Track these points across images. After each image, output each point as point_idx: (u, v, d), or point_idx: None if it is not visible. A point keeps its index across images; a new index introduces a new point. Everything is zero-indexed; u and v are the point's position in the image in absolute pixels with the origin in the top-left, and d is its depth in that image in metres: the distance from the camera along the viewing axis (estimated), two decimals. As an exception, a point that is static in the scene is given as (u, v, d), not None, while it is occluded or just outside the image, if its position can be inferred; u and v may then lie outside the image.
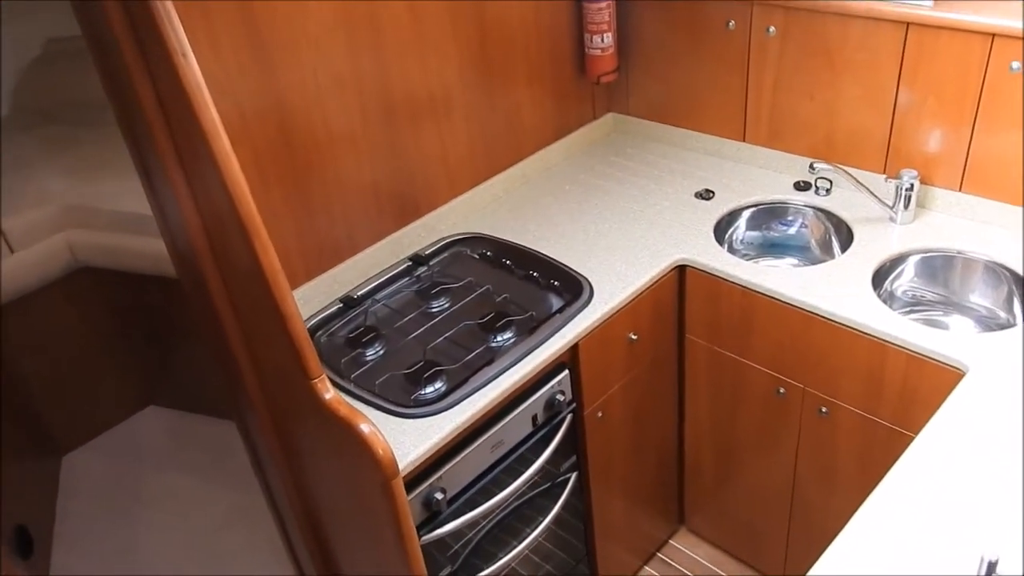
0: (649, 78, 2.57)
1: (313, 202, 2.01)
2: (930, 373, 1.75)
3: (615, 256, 2.13)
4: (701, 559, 2.60)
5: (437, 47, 2.13)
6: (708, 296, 2.11)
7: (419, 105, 2.15)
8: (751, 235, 2.32)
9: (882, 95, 2.11)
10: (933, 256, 2.03)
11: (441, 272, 2.18)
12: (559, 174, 2.55)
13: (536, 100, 2.47)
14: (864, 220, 2.14)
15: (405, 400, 1.76)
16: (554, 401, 1.91)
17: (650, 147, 2.63)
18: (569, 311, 1.95)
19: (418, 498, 1.67)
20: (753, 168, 2.44)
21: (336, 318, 2.05)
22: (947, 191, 2.09)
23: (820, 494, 2.15)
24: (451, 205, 2.33)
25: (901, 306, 2.06)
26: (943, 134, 2.04)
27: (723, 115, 2.45)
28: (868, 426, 1.93)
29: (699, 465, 2.47)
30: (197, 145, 1.32)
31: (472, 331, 1.94)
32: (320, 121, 1.95)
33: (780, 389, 2.08)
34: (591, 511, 2.21)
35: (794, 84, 2.25)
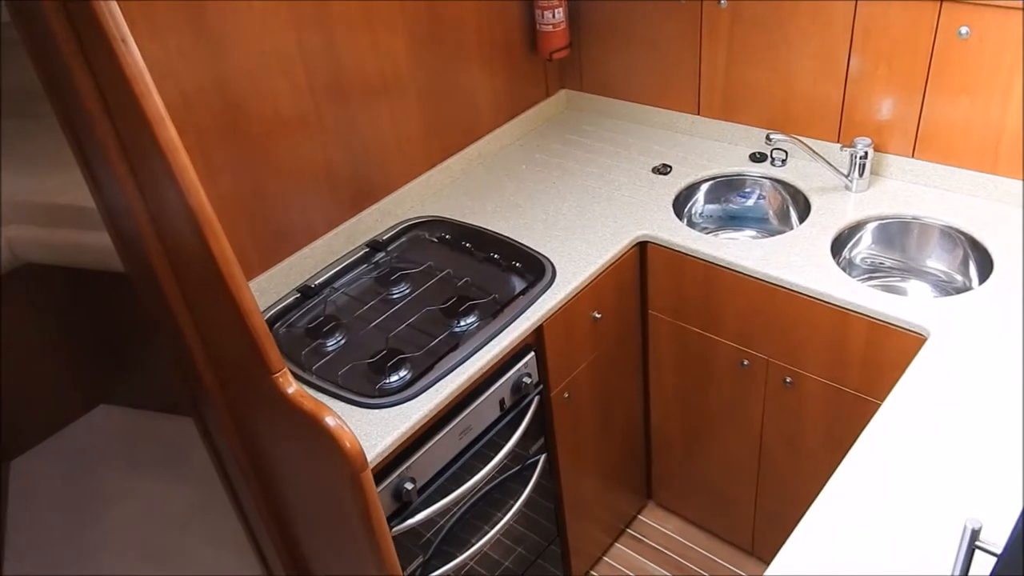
0: (602, 53, 2.54)
1: (264, 188, 1.95)
2: (892, 339, 1.77)
3: (575, 235, 2.11)
4: (670, 532, 2.62)
5: (386, 22, 2.08)
6: (670, 271, 2.10)
7: (370, 84, 2.10)
8: (710, 208, 2.32)
9: (834, 64, 2.11)
10: (889, 223, 2.04)
11: (400, 257, 2.14)
12: (515, 153, 2.51)
13: (488, 78, 2.43)
14: (820, 189, 2.15)
15: (370, 390, 1.72)
16: (521, 384, 1.89)
17: (605, 123, 2.61)
18: (532, 292, 1.93)
19: (387, 489, 1.64)
20: (709, 141, 2.43)
21: (294, 308, 1.99)
22: (900, 158, 2.11)
23: (786, 463, 2.17)
24: (407, 188, 2.28)
25: (860, 273, 2.08)
26: (895, 101, 2.06)
27: (677, 89, 2.44)
28: (832, 394, 1.95)
29: (665, 440, 2.47)
30: (141, 135, 1.26)
31: (435, 317, 1.90)
32: (268, 102, 1.89)
33: (744, 361, 2.09)
34: (561, 491, 2.20)
35: (747, 56, 2.24)
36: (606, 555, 2.58)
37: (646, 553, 2.58)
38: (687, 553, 2.56)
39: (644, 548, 2.59)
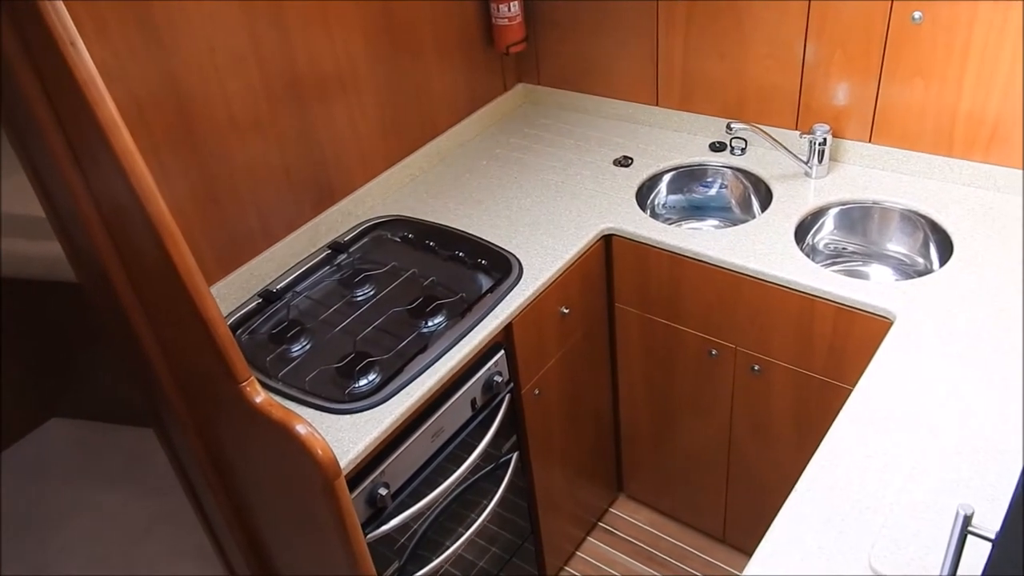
0: (558, 46, 2.53)
1: (221, 192, 1.90)
2: (859, 324, 1.78)
3: (540, 230, 2.09)
4: (642, 524, 2.62)
5: (340, 19, 2.03)
6: (636, 264, 2.10)
7: (326, 82, 2.05)
8: (673, 199, 2.32)
9: (790, 52, 2.12)
10: (850, 208, 2.06)
11: (363, 258, 2.10)
12: (475, 149, 2.49)
13: (446, 74, 2.39)
14: (781, 177, 2.16)
15: (339, 395, 1.68)
16: (492, 383, 1.87)
17: (564, 116, 2.60)
18: (500, 290, 1.91)
19: (361, 496, 1.61)
20: (668, 132, 2.43)
21: (256, 314, 1.94)
22: (858, 143, 2.13)
23: (756, 450, 2.19)
24: (367, 188, 2.24)
25: (823, 259, 2.10)
26: (851, 87, 2.08)
27: (635, 80, 2.43)
28: (800, 380, 1.96)
29: (635, 432, 2.48)
30: (93, 141, 1.20)
31: (402, 318, 1.87)
32: (221, 103, 1.83)
33: (712, 351, 2.09)
34: (533, 488, 2.19)
35: (704, 46, 2.25)
36: (579, 550, 2.58)
37: (618, 546, 2.58)
38: (659, 544, 2.57)
39: (616, 541, 2.59)
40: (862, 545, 1.30)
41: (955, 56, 1.90)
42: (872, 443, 1.45)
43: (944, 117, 1.99)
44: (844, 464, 1.42)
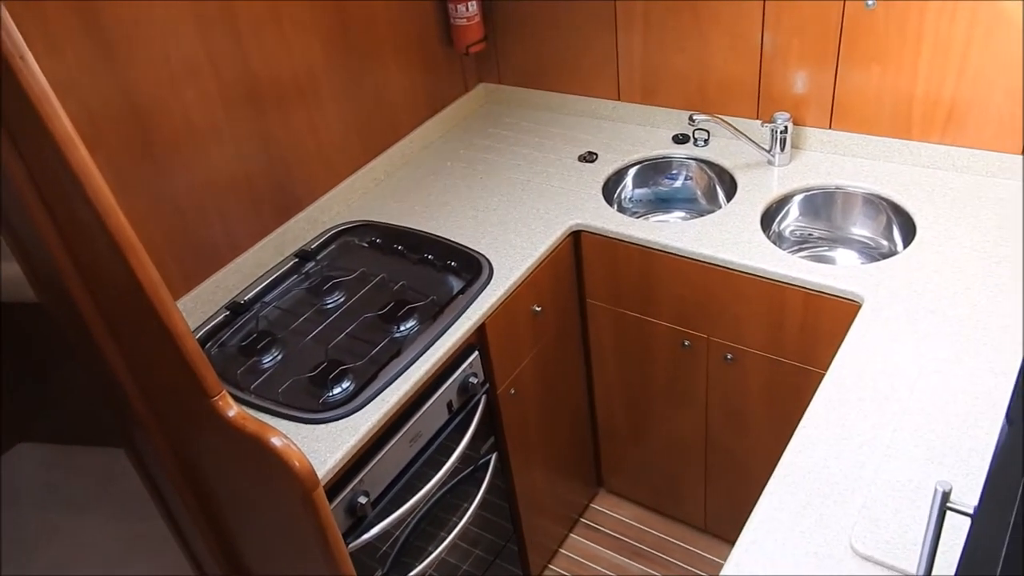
0: (518, 44, 2.52)
1: (183, 205, 1.86)
2: (828, 308, 1.80)
3: (509, 229, 2.09)
4: (624, 518, 2.63)
5: (295, 24, 2.01)
6: (605, 259, 2.10)
7: (285, 89, 2.03)
8: (639, 192, 2.33)
9: (748, 42, 2.14)
10: (814, 194, 2.09)
11: (331, 265, 2.07)
12: (438, 151, 2.47)
13: (406, 76, 2.38)
14: (745, 166, 2.18)
15: (313, 405, 1.66)
16: (467, 385, 1.86)
17: (526, 115, 2.59)
18: (471, 291, 1.90)
19: (341, 505, 1.59)
20: (631, 126, 2.44)
21: (225, 327, 1.91)
22: (819, 130, 2.15)
23: (733, 438, 2.20)
24: (332, 194, 2.22)
25: (790, 246, 2.12)
26: (809, 75, 2.10)
27: (596, 75, 2.43)
28: (773, 367, 1.98)
29: (612, 427, 2.48)
30: (49, 157, 1.18)
31: (373, 323, 1.85)
32: (179, 113, 1.80)
33: (685, 342, 2.10)
34: (514, 488, 2.18)
35: (663, 39, 2.26)
36: (562, 547, 2.57)
37: (601, 541, 2.58)
38: (642, 536, 2.58)
39: (599, 536, 2.60)
40: (842, 527, 1.31)
41: (909, 41, 1.93)
42: (847, 425, 1.46)
43: (901, 101, 2.01)
44: (820, 448, 1.43)
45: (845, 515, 1.32)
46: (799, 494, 1.37)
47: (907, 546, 1.25)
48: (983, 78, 1.89)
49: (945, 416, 1.44)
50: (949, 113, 1.97)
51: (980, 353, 1.55)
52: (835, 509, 1.33)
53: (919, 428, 1.43)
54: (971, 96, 1.92)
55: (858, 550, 1.26)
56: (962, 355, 1.56)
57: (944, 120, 1.98)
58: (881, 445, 1.42)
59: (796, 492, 1.37)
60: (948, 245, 1.83)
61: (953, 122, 1.97)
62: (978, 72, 1.88)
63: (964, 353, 1.56)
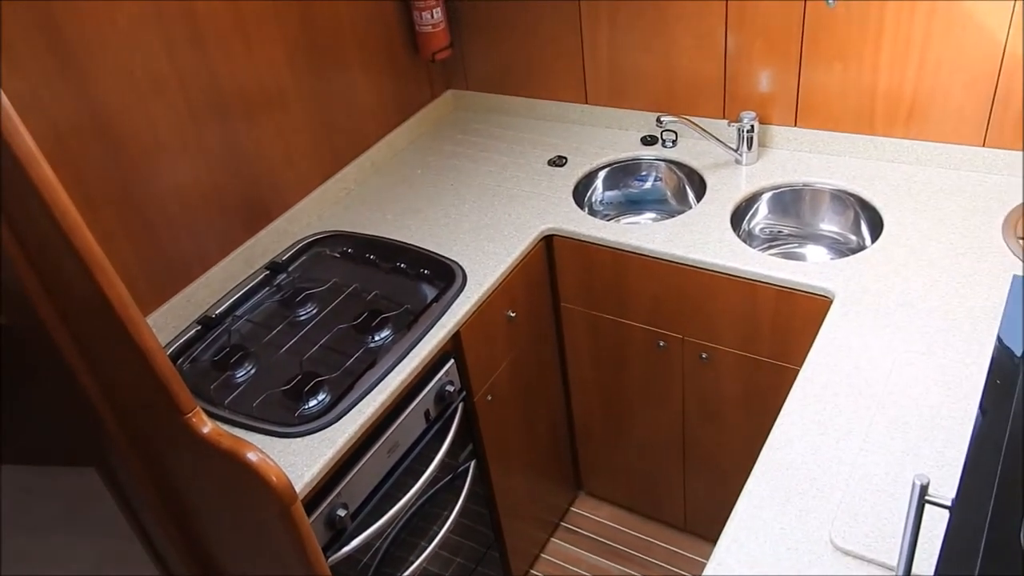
0: (484, 50, 2.52)
1: (151, 219, 1.84)
2: (800, 304, 1.82)
3: (481, 235, 2.08)
4: (603, 520, 2.63)
5: (261, 35, 1.99)
6: (578, 262, 2.10)
7: (251, 100, 2.01)
8: (610, 195, 2.34)
9: (712, 43, 2.16)
10: (782, 191, 2.11)
11: (303, 277, 2.06)
12: (408, 159, 2.46)
13: (373, 85, 2.37)
14: (713, 166, 2.20)
15: (289, 418, 1.65)
16: (444, 393, 1.85)
17: (494, 120, 2.59)
18: (445, 299, 1.89)
19: (320, 519, 1.57)
20: (600, 129, 2.45)
21: (196, 342, 1.89)
22: (785, 128, 2.18)
23: (710, 437, 2.21)
24: (302, 205, 2.20)
25: (760, 243, 2.14)
26: (774, 74, 2.12)
27: (563, 79, 2.44)
28: (748, 364, 1.99)
29: (589, 429, 2.48)
30: (12, 176, 1.15)
31: (347, 334, 1.84)
32: (144, 126, 1.78)
33: (660, 342, 2.11)
34: (494, 495, 2.18)
35: (629, 41, 2.27)
36: (543, 551, 2.57)
37: (582, 544, 2.58)
38: (622, 538, 2.58)
39: (579, 539, 2.60)
40: (822, 522, 1.32)
41: (869, 38, 1.95)
42: (823, 420, 1.48)
43: (864, 97, 2.04)
44: (797, 444, 1.44)
45: (824, 510, 1.33)
46: (778, 491, 1.37)
47: (886, 539, 1.26)
48: (943, 72, 1.92)
49: (919, 408, 1.45)
50: (911, 108, 2.00)
51: (951, 344, 1.58)
52: (814, 504, 1.34)
53: (894, 421, 1.44)
54: (931, 90, 1.95)
55: (838, 545, 1.27)
56: (933, 347, 1.58)
57: (906, 115, 2.01)
58: (857, 439, 1.43)
59: (775, 489, 1.38)
60: (915, 238, 1.85)
61: (915, 116, 2.00)
62: (937, 66, 1.91)
63: (935, 345, 1.58)
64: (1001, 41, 1.82)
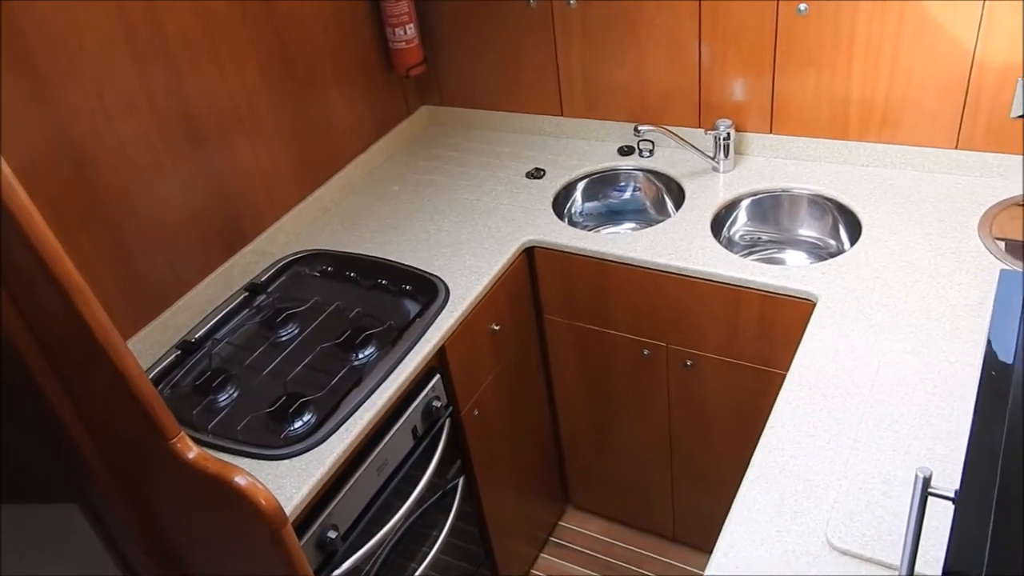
0: (458, 65, 2.52)
1: (127, 244, 1.81)
2: (783, 309, 1.82)
3: (462, 250, 2.07)
4: (593, 533, 2.62)
5: (233, 55, 1.98)
6: (560, 273, 2.10)
7: (225, 121, 1.99)
8: (589, 206, 2.34)
9: (686, 53, 2.17)
10: (761, 198, 2.12)
11: (283, 297, 2.03)
12: (384, 176, 2.45)
13: (347, 103, 2.36)
14: (691, 174, 2.21)
15: (275, 441, 1.62)
16: (431, 409, 1.83)
17: (470, 134, 2.59)
18: (428, 314, 1.88)
19: (311, 541, 1.55)
20: (576, 140, 2.46)
21: (176, 367, 1.85)
22: (760, 135, 2.20)
23: (697, 445, 2.21)
24: (279, 225, 2.18)
25: (740, 250, 2.15)
26: (748, 82, 2.14)
27: (538, 92, 2.45)
28: (733, 370, 2.00)
29: (576, 441, 2.47)
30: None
31: (331, 353, 1.82)
32: (117, 150, 1.75)
33: (644, 351, 2.11)
34: (483, 511, 2.15)
35: (602, 53, 2.28)
36: (533, 567, 2.55)
37: (572, 558, 2.57)
38: (611, 550, 2.57)
39: (569, 553, 2.58)
40: (817, 523, 1.32)
41: (842, 44, 1.98)
42: (813, 422, 1.48)
43: (838, 103, 2.06)
44: (789, 446, 1.45)
45: (819, 511, 1.33)
46: (772, 493, 1.37)
47: (882, 537, 1.26)
48: (914, 77, 1.95)
49: (908, 406, 1.46)
50: (884, 112, 2.02)
51: (934, 343, 1.59)
52: (809, 505, 1.34)
53: (883, 419, 1.45)
54: (904, 95, 1.98)
55: (835, 545, 1.27)
56: (917, 346, 1.59)
57: (880, 119, 2.04)
58: (848, 439, 1.44)
59: (769, 492, 1.38)
60: (893, 240, 1.87)
61: (888, 121, 2.03)
62: (909, 72, 1.94)
63: (919, 344, 1.59)
64: (970, 46, 1.85)
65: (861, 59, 1.97)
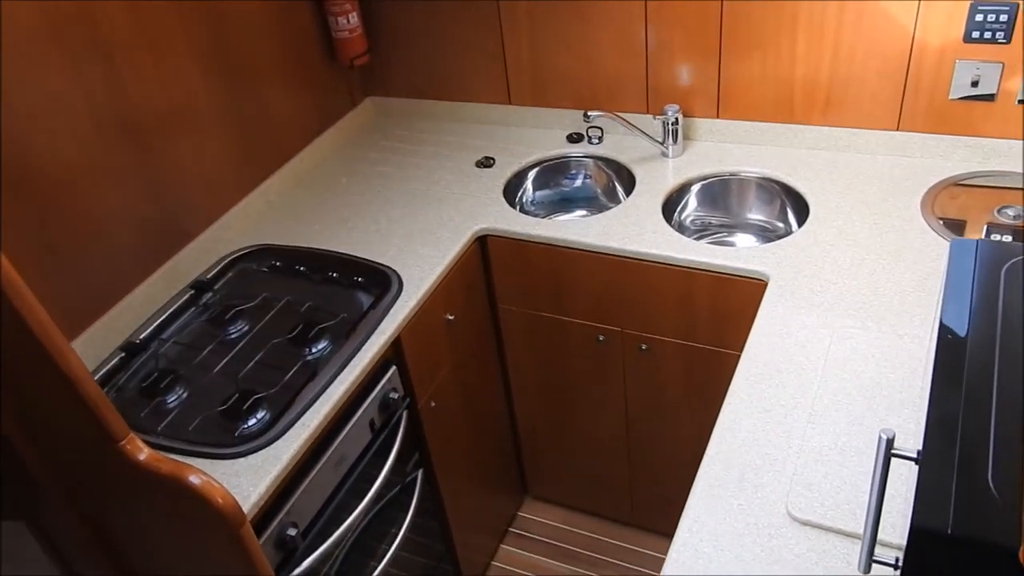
0: (403, 55, 2.49)
1: (61, 247, 1.74)
2: (736, 290, 1.84)
3: (414, 240, 2.05)
4: (552, 522, 2.62)
5: (171, 50, 1.92)
6: (513, 261, 2.09)
7: (164, 116, 1.93)
8: (540, 195, 2.34)
9: (633, 39, 2.18)
10: (710, 182, 2.14)
11: (230, 294, 1.98)
12: (331, 169, 2.41)
13: (290, 95, 2.31)
14: (640, 160, 2.22)
15: (228, 439, 1.58)
16: (388, 401, 1.81)
17: (418, 125, 2.57)
18: (382, 305, 1.85)
19: (270, 540, 1.51)
20: (525, 129, 2.45)
21: (121, 370, 1.79)
22: (708, 120, 2.22)
23: (653, 429, 2.23)
24: (223, 220, 2.13)
25: (691, 235, 2.16)
26: (694, 67, 2.16)
27: (485, 81, 2.43)
28: (688, 353, 2.01)
29: (533, 431, 2.47)
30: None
31: (283, 348, 1.78)
32: (49, 149, 1.68)
33: (599, 337, 2.11)
34: (443, 505, 2.14)
35: (549, 40, 2.27)
36: (494, 559, 2.54)
37: (532, 548, 2.56)
38: (571, 538, 2.57)
39: (529, 543, 2.58)
40: (778, 495, 1.33)
41: (785, 28, 2.01)
42: (769, 397, 1.50)
43: (783, 87, 2.09)
44: (746, 423, 1.46)
45: (779, 484, 1.35)
46: (732, 468, 1.39)
47: (840, 506, 1.29)
48: (856, 60, 1.98)
49: (859, 380, 1.49)
50: (828, 95, 2.06)
51: (883, 318, 1.62)
52: (768, 479, 1.36)
53: (837, 393, 1.47)
54: (847, 78, 2.01)
55: (795, 516, 1.29)
56: (867, 321, 1.62)
57: (824, 102, 2.07)
58: (804, 413, 1.46)
59: (729, 467, 1.39)
60: (840, 220, 1.90)
61: (832, 103, 2.07)
62: (851, 54, 1.98)
63: (868, 319, 1.63)
64: (910, 28, 1.89)
65: (804, 42, 2.00)
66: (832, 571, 1.21)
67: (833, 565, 1.22)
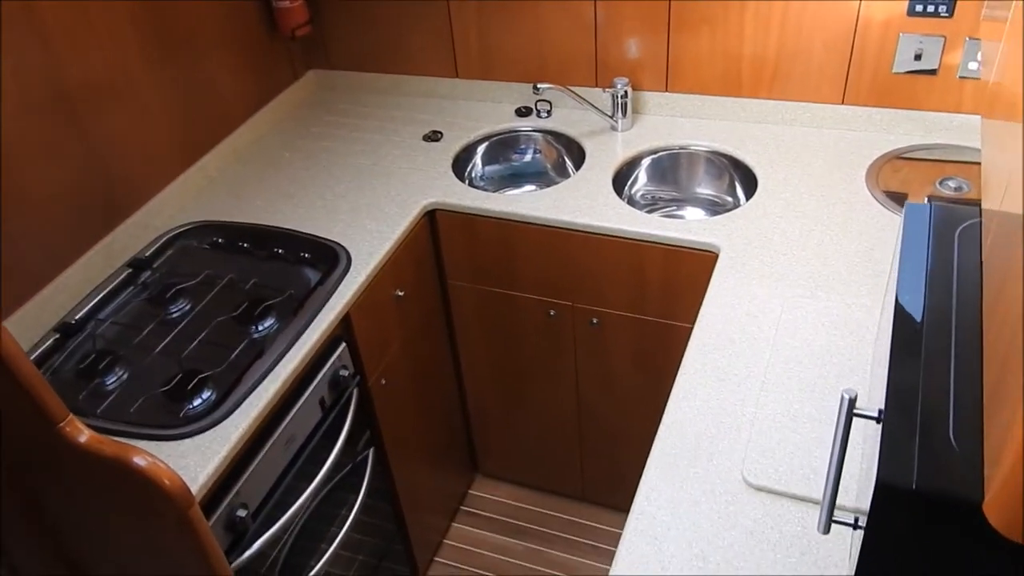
0: (346, 26, 2.43)
1: (-8, 220, 1.66)
2: (687, 262, 1.85)
3: (362, 215, 2.01)
4: (502, 499, 2.61)
5: (106, 22, 1.83)
6: (463, 236, 2.06)
7: (98, 90, 1.85)
8: (490, 169, 2.31)
9: (581, 12, 2.16)
10: (660, 156, 2.14)
11: (170, 272, 1.91)
12: (273, 143, 2.34)
13: (230, 67, 2.23)
14: (590, 133, 2.21)
15: (173, 420, 1.52)
16: (338, 378, 1.77)
17: (362, 99, 2.51)
18: (330, 281, 1.81)
19: (220, 521, 1.47)
20: (472, 103, 2.42)
21: (56, 351, 1.72)
22: (657, 93, 2.21)
23: (605, 403, 2.23)
24: (161, 196, 2.05)
25: (641, 209, 2.16)
26: (643, 40, 2.15)
27: (431, 54, 2.39)
28: (638, 326, 2.02)
29: (483, 408, 2.45)
30: None
31: (228, 326, 1.73)
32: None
33: (550, 312, 2.10)
34: (394, 483, 2.11)
35: (497, 13, 2.24)
36: (446, 537, 2.53)
37: (483, 525, 2.56)
38: (522, 514, 2.57)
39: (480, 520, 2.57)
40: (733, 462, 1.34)
41: (733, 1, 2.01)
42: (722, 367, 1.51)
43: (731, 61, 2.10)
44: (701, 392, 1.47)
45: (734, 451, 1.36)
46: (687, 437, 1.39)
47: (794, 471, 1.30)
48: (803, 34, 2.00)
49: (810, 347, 1.51)
50: (775, 69, 2.07)
51: (831, 287, 1.65)
52: (724, 447, 1.37)
53: (788, 361, 1.49)
54: (794, 52, 2.03)
55: (751, 482, 1.30)
56: (816, 290, 1.64)
57: (771, 76, 2.09)
58: (757, 381, 1.47)
59: (684, 436, 1.39)
60: (788, 192, 1.92)
61: (779, 78, 2.08)
62: (798, 28, 1.99)
63: (817, 288, 1.65)
64: (856, 1, 1.91)
65: (752, 16, 2.01)
66: (789, 535, 1.23)
67: (789, 529, 1.23)
